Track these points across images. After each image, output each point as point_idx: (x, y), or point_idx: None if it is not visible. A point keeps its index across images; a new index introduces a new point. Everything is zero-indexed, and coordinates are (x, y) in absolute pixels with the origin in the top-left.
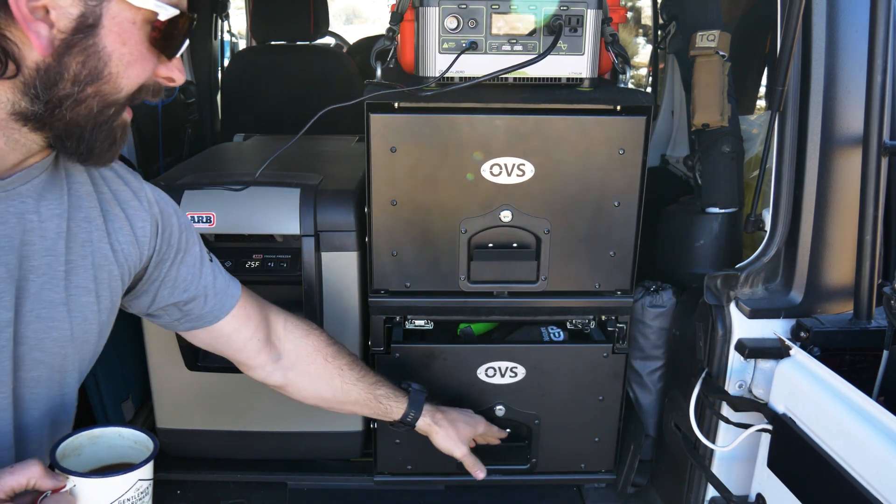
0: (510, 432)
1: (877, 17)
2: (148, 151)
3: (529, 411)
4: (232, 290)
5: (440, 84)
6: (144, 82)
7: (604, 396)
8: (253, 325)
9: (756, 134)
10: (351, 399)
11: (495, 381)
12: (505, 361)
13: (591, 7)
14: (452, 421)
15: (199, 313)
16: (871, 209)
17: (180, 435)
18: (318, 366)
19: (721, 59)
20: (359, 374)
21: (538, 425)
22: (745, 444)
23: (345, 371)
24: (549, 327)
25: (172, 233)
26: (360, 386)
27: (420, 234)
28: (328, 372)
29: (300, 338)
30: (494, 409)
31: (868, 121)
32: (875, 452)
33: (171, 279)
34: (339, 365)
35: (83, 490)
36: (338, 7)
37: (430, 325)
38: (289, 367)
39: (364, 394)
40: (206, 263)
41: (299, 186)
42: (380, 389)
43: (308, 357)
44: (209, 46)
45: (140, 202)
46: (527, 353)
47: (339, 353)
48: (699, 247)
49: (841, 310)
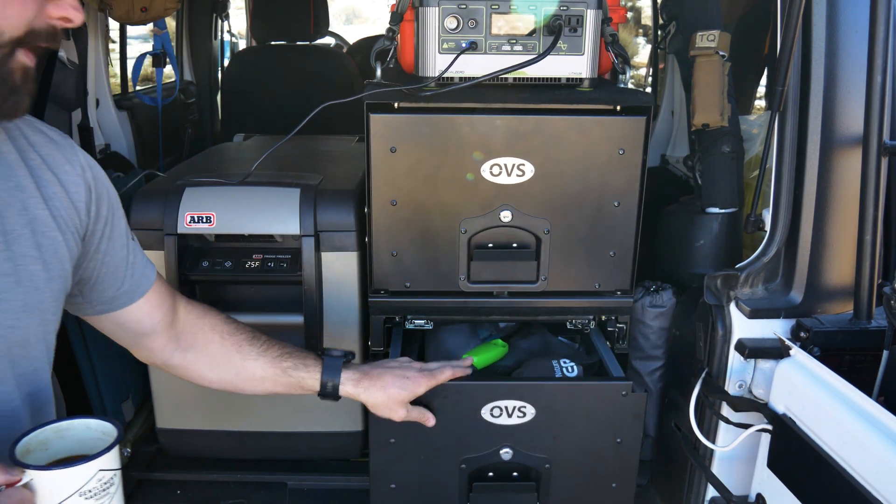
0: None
1: (877, 17)
2: (148, 151)
3: (540, 455)
4: (148, 272)
5: (440, 84)
6: (33, 25)
7: (622, 439)
8: (164, 309)
9: (756, 134)
10: (257, 376)
11: (501, 422)
12: (512, 400)
13: (590, 7)
14: (383, 386)
15: (112, 295)
16: (871, 209)
17: (180, 435)
18: (216, 345)
19: (721, 59)
20: (260, 349)
21: (549, 470)
22: (745, 444)
23: (244, 347)
24: (562, 360)
25: (104, 202)
26: (262, 361)
27: (420, 234)
28: (225, 350)
29: (196, 318)
30: (500, 452)
31: (868, 121)
32: (875, 452)
33: (101, 253)
34: (236, 342)
35: (41, 483)
36: (338, 7)
37: (430, 325)
38: (186, 348)
39: (269, 368)
40: (130, 242)
41: (299, 186)
42: (287, 361)
43: (205, 337)
44: (209, 46)
45: (73, 166)
46: (537, 391)
47: (236, 329)
48: (699, 247)
49: (841, 310)
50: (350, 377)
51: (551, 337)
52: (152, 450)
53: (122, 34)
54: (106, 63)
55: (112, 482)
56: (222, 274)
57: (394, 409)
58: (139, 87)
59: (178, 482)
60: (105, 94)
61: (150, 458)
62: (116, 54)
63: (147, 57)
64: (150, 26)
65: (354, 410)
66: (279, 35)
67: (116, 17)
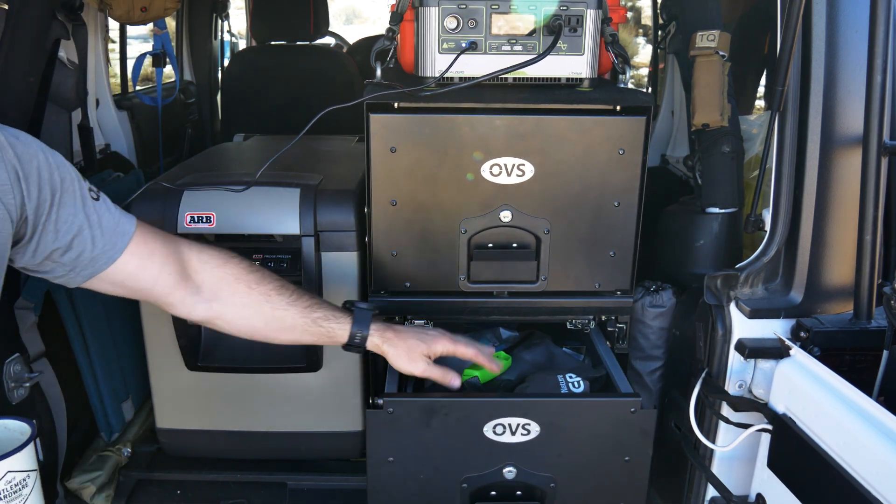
0: (521, 495)
1: (877, 17)
2: (148, 151)
3: (544, 474)
4: (123, 226)
5: (440, 84)
6: None
7: (630, 457)
8: (158, 261)
9: (756, 134)
10: (286, 325)
11: (505, 440)
12: (516, 417)
13: (590, 7)
14: (404, 338)
15: (89, 257)
16: (871, 209)
17: (180, 435)
18: (242, 294)
19: (721, 59)
20: (290, 299)
21: (554, 489)
22: (745, 444)
23: (273, 296)
24: (568, 375)
25: (41, 175)
26: (292, 311)
27: (420, 234)
28: (253, 299)
29: (217, 267)
30: (503, 470)
31: (868, 121)
32: (875, 452)
33: (52, 223)
34: (264, 290)
35: None
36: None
37: (430, 325)
38: (211, 298)
39: (300, 318)
40: (88, 203)
41: (299, 186)
42: (317, 312)
43: (229, 286)
44: (209, 46)
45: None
46: (541, 408)
47: (263, 278)
48: (699, 247)
49: (841, 310)
50: (377, 329)
51: (555, 348)
52: (152, 450)
53: (122, 34)
54: (106, 63)
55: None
56: None
57: (414, 359)
58: (139, 87)
59: (178, 482)
60: (105, 94)
61: (150, 458)
62: (116, 54)
63: (147, 57)
64: (150, 26)
65: (354, 410)
66: (279, 35)
67: (116, 17)
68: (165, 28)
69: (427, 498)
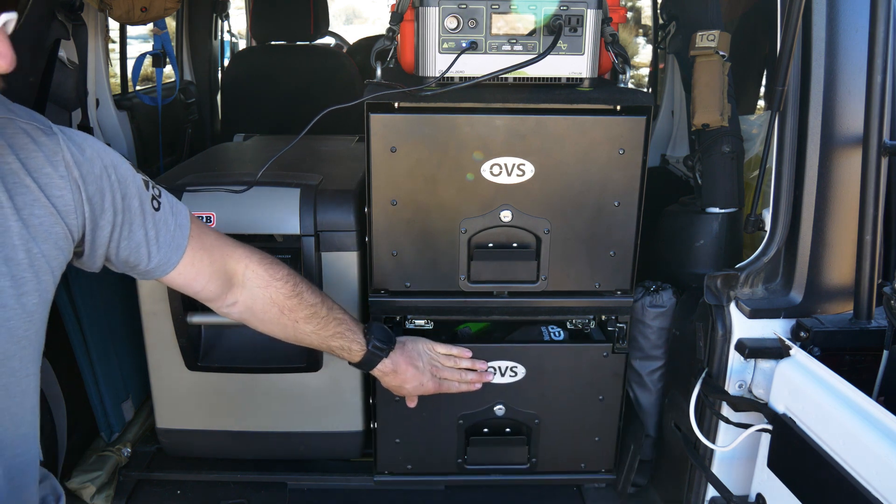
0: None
1: (877, 17)
2: (148, 151)
3: (529, 411)
4: (178, 239)
5: (440, 84)
6: None
7: (604, 396)
8: (204, 278)
9: (756, 134)
10: (304, 342)
11: (495, 381)
12: (505, 361)
13: (591, 7)
14: (403, 381)
15: (143, 270)
16: (871, 209)
17: (180, 435)
18: (273, 315)
19: (721, 59)
20: (315, 327)
21: (538, 425)
22: (745, 444)
23: (300, 324)
24: (550, 326)
25: (104, 195)
26: (313, 337)
27: (420, 234)
28: (282, 323)
29: (258, 288)
30: (494, 408)
31: (868, 121)
32: (875, 452)
33: (115, 242)
34: (294, 318)
35: None
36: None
37: (430, 325)
38: (244, 310)
39: (317, 342)
40: (148, 216)
41: (299, 186)
42: (335, 341)
43: (263, 307)
44: (209, 46)
45: (55, 168)
46: (527, 353)
47: (298, 306)
48: (699, 247)
49: (841, 310)
50: (381, 370)
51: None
52: (152, 450)
53: (122, 34)
54: (106, 63)
55: None
56: None
57: (402, 392)
58: (139, 87)
59: (178, 482)
60: (105, 94)
61: (150, 458)
62: (116, 54)
63: (147, 57)
64: (150, 26)
65: (355, 410)
66: (279, 35)
67: (116, 17)
68: (165, 28)
69: (429, 435)
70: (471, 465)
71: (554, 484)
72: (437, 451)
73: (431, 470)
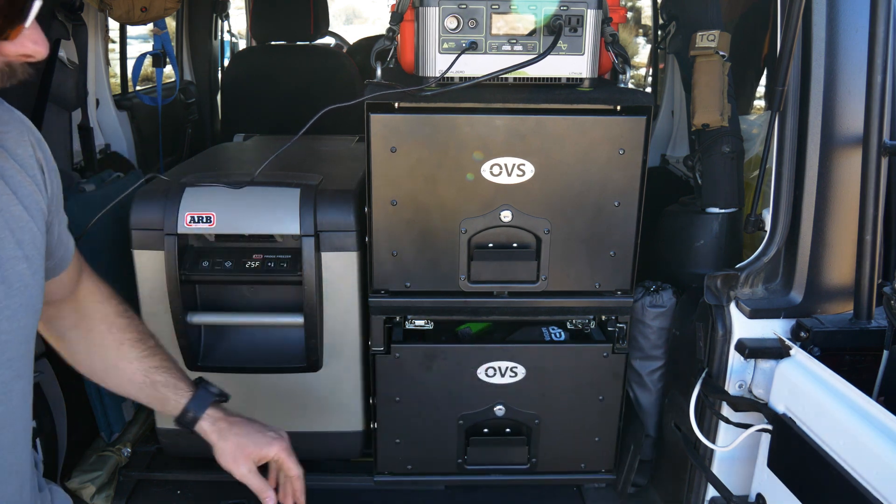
0: (509, 431)
1: (877, 17)
2: (148, 151)
3: (529, 411)
4: (71, 242)
5: (440, 84)
6: None
7: (604, 396)
8: (72, 285)
9: (756, 134)
10: (124, 378)
11: (495, 381)
12: (505, 361)
13: (591, 7)
14: (237, 433)
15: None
16: (871, 209)
17: (180, 435)
18: (98, 334)
19: (721, 59)
20: (140, 354)
21: (538, 425)
22: (745, 444)
23: (125, 346)
24: (551, 327)
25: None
26: (135, 365)
27: (420, 234)
28: (105, 344)
29: (94, 303)
30: (494, 409)
31: (868, 121)
32: (875, 452)
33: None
34: (119, 339)
35: None
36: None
37: (430, 325)
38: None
39: (139, 375)
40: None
41: (299, 186)
42: (159, 375)
43: (91, 324)
44: (209, 46)
45: (25, 148)
46: (527, 353)
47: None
48: (699, 247)
49: (841, 310)
50: (212, 415)
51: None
52: (152, 450)
53: (122, 34)
54: (106, 63)
55: None
56: (222, 274)
57: (238, 460)
58: (139, 87)
59: (178, 482)
60: (105, 94)
61: (150, 458)
62: (116, 54)
63: (147, 57)
64: (150, 26)
65: (355, 410)
66: (279, 35)
67: (116, 17)
68: (165, 28)
69: (429, 435)
70: (471, 465)
71: (554, 484)
72: (437, 452)
73: (431, 470)
